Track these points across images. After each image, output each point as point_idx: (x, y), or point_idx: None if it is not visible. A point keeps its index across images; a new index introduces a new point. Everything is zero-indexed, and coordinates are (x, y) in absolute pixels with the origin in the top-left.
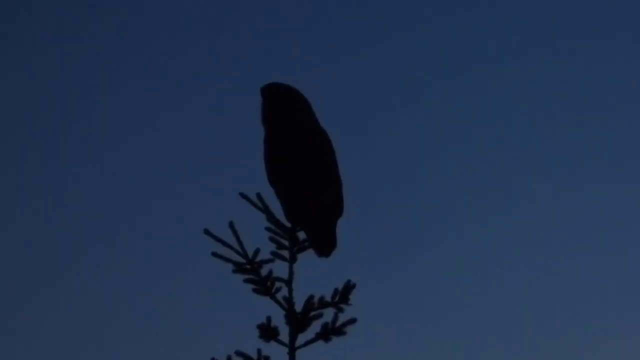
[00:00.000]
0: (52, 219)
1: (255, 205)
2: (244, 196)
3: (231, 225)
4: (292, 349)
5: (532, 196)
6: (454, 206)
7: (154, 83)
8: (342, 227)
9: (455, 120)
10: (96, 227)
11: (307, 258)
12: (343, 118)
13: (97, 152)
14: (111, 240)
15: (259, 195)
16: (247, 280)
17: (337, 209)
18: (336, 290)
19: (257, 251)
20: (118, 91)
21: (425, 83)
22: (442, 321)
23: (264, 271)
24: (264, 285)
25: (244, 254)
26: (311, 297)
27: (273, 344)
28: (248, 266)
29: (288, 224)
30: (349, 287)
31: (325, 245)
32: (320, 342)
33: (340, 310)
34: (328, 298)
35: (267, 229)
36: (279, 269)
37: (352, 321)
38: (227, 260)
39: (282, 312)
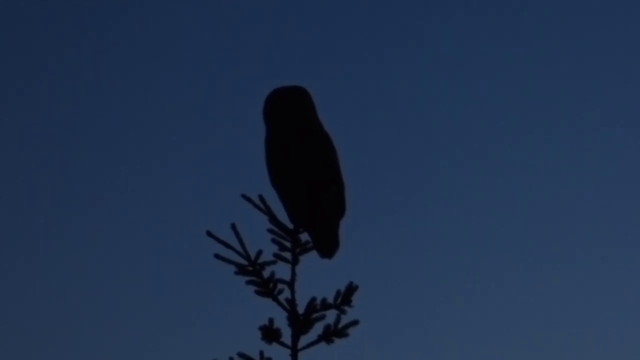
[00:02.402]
0: (52, 220)
1: (257, 206)
2: (246, 198)
3: (233, 227)
4: (294, 351)
5: (535, 199)
6: (457, 208)
7: (155, 84)
8: (345, 229)
9: (459, 122)
10: (98, 229)
11: (310, 260)
12: (345, 118)
13: (99, 154)
14: (113, 242)
15: (261, 197)
16: (249, 282)
17: (339, 210)
18: (338, 292)
19: (259, 253)
20: (119, 92)
21: (428, 85)
22: (445, 323)
23: (266, 273)
24: (267, 287)
25: (246, 256)
26: (313, 299)
27: (275, 345)
28: (250, 268)
29: (290, 226)
30: (351, 288)
31: (327, 246)
32: (323, 344)
33: (343, 312)
34: (330, 300)
35: (270, 230)
36: (282, 270)
37: (355, 323)
38: (230, 262)
39: (284, 314)
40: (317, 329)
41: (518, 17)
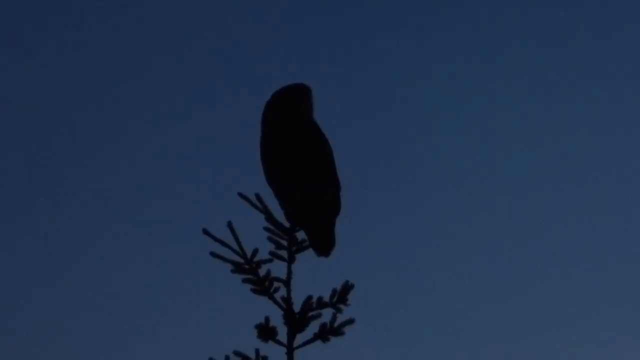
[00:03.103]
0: (49, 219)
1: (254, 205)
2: (242, 196)
3: (230, 225)
4: (290, 349)
5: (531, 198)
6: (453, 206)
7: (152, 82)
8: (341, 227)
9: (454, 121)
10: (94, 227)
11: (306, 258)
12: (341, 117)
13: (96, 152)
14: (109, 240)
15: (257, 195)
16: (245, 280)
17: (334, 208)
18: (334, 290)
19: (255, 251)
20: (116, 90)
21: (422, 84)
22: (440, 321)
23: (262, 271)
24: (263, 285)
25: (242, 254)
26: (309, 298)
27: (271, 344)
28: (246, 266)
29: (287, 224)
30: (347, 287)
31: (324, 244)
32: (319, 343)
33: (339, 310)
34: (326, 298)
35: (266, 229)
36: (278, 269)
37: (350, 322)
38: (226, 260)
39: (280, 312)
40: (313, 327)
41: (516, 15)
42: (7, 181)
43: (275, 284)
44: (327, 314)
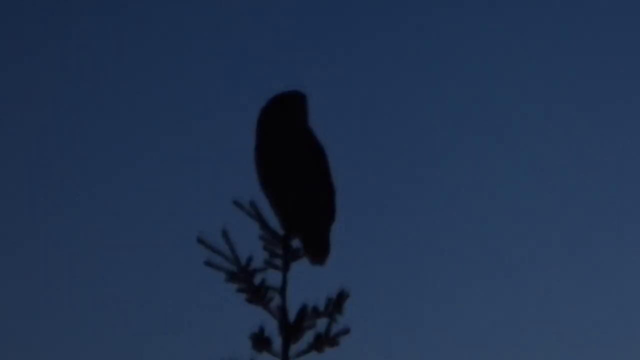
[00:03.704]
0: (44, 221)
1: (248, 213)
2: (237, 204)
3: (224, 233)
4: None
5: (530, 200)
6: (450, 213)
7: (149, 84)
8: (336, 235)
9: (451, 123)
10: (87, 233)
11: (301, 267)
12: (337, 121)
13: (90, 155)
14: (102, 247)
15: (252, 203)
16: (239, 290)
17: (329, 215)
18: (330, 299)
19: (249, 259)
20: (113, 92)
21: (422, 83)
22: (438, 330)
23: (257, 280)
24: (257, 294)
25: (236, 263)
26: (304, 307)
27: (266, 354)
28: (241, 275)
29: (281, 232)
30: (342, 296)
31: (319, 252)
32: (314, 353)
33: (334, 320)
34: (321, 308)
35: (261, 237)
36: (273, 277)
37: (346, 331)
38: (220, 268)
39: (275, 322)
40: (308, 337)
41: (517, 14)
42: (7, 181)
43: (270, 293)
44: (322, 323)
